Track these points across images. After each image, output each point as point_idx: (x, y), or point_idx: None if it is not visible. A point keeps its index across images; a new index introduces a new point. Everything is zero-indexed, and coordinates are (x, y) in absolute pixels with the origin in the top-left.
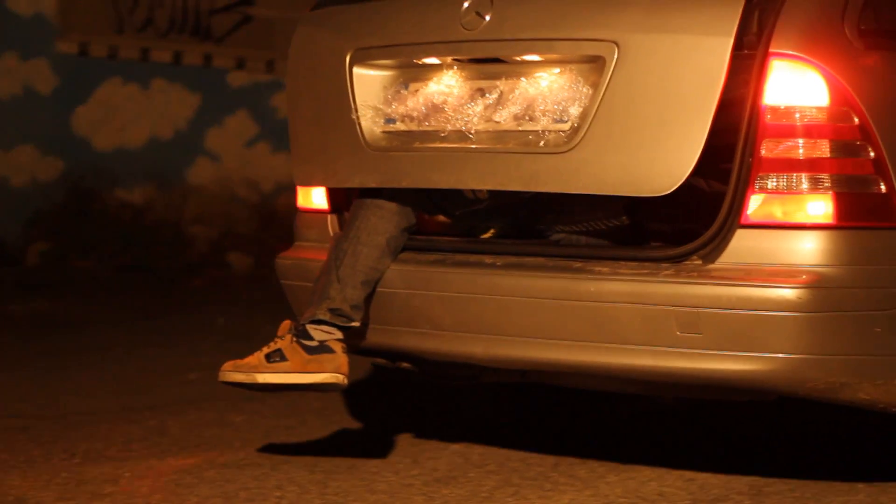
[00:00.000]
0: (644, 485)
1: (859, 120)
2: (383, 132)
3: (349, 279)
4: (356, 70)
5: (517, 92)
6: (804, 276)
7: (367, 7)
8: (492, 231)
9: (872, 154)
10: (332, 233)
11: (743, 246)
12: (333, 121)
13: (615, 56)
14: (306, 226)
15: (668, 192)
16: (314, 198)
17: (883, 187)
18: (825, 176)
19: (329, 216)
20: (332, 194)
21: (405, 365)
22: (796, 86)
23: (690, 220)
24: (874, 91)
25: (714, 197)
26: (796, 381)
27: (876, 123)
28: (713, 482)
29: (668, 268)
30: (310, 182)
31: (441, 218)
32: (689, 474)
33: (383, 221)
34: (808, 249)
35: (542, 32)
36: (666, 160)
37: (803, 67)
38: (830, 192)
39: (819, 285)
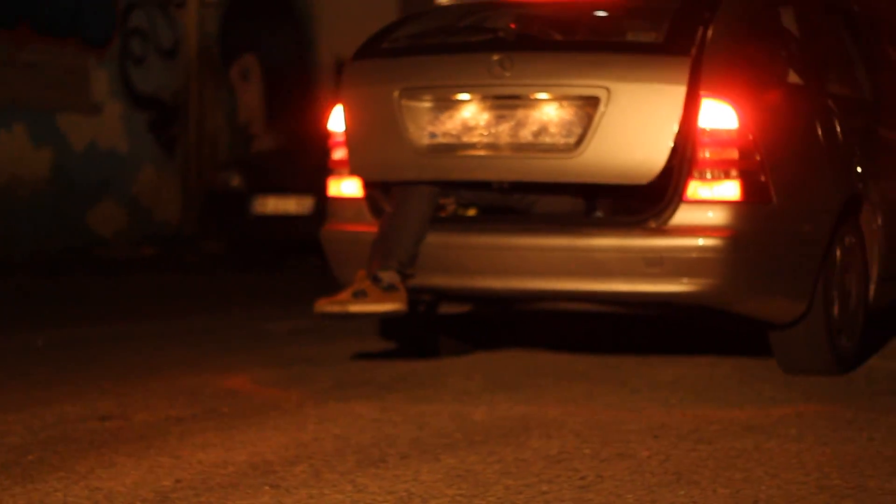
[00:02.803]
0: (49, 496)
1: (752, 136)
2: (428, 144)
3: (406, 241)
4: (403, 102)
5: (532, 118)
6: (723, 232)
7: (409, 59)
8: (474, 210)
9: (758, 158)
10: (367, 213)
11: (684, 215)
12: (388, 135)
13: (607, 96)
14: (342, 208)
15: (649, 181)
16: (344, 189)
17: (763, 178)
18: (735, 171)
19: (364, 201)
20: (366, 187)
21: (426, 297)
22: (717, 115)
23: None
24: (758, 118)
25: (641, 188)
26: (716, 297)
27: (760, 138)
28: (119, 490)
29: (634, 228)
30: (371, 177)
31: (451, 200)
32: (95, 483)
33: (424, 203)
34: (725, 216)
35: (554, 80)
36: (645, 161)
37: (721, 103)
38: (738, 181)
39: (732, 238)
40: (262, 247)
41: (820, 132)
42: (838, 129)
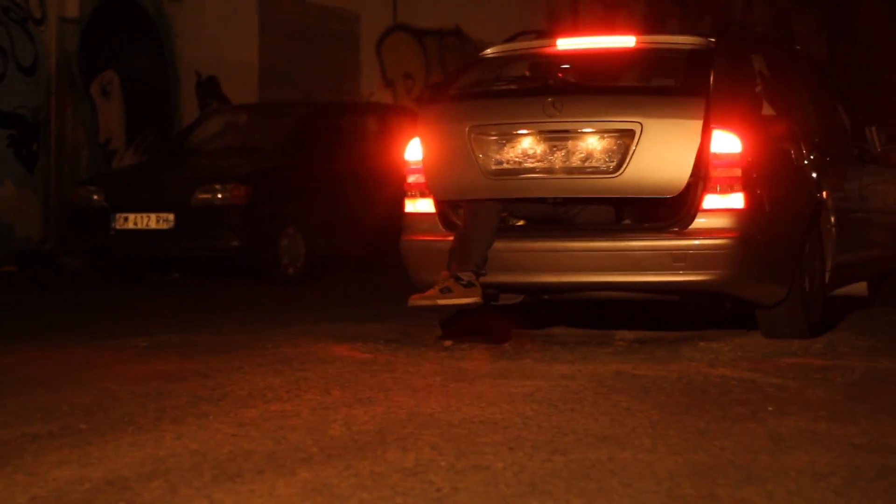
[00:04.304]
0: None
1: (751, 158)
2: (494, 169)
3: (480, 247)
4: (473, 136)
5: (580, 148)
6: (731, 233)
7: (477, 102)
8: (523, 221)
9: (756, 175)
10: (439, 225)
11: (701, 220)
12: (461, 163)
13: (641, 128)
14: (418, 221)
15: (676, 194)
16: (419, 207)
17: (760, 191)
18: (739, 185)
19: (437, 216)
20: (439, 205)
21: (490, 291)
22: (725, 142)
23: (652, 210)
24: (754, 143)
25: (657, 202)
26: (727, 284)
27: (757, 159)
28: None
29: (663, 232)
30: (446, 196)
31: (506, 214)
32: None
33: (492, 216)
34: (734, 220)
35: (598, 118)
36: (672, 179)
37: (728, 133)
38: (742, 193)
39: (740, 238)
40: (123, 263)
41: (793, 153)
42: (803, 149)
